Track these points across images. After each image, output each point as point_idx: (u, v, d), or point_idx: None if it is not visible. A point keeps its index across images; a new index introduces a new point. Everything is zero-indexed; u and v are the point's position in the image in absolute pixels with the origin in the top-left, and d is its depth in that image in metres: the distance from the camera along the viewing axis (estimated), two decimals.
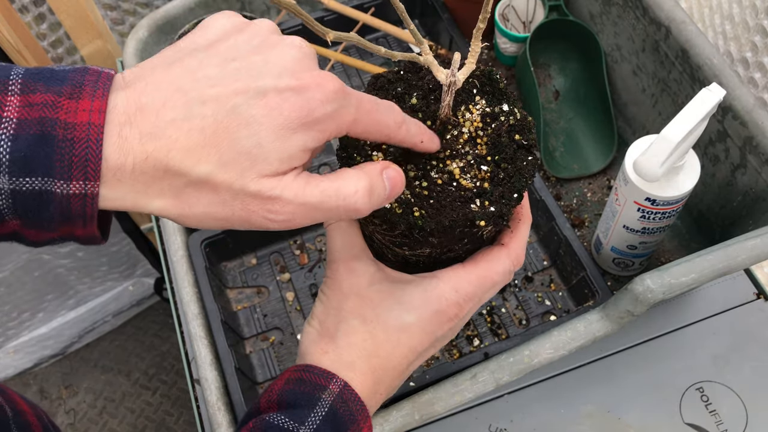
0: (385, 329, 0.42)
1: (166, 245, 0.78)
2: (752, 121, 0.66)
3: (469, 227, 0.40)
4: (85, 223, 0.32)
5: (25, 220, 0.31)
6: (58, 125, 0.30)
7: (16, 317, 1.45)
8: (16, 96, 0.30)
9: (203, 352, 0.70)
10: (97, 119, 0.30)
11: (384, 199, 0.37)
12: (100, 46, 1.03)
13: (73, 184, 0.30)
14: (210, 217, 0.33)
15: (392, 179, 0.38)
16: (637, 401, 0.70)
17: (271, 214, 0.33)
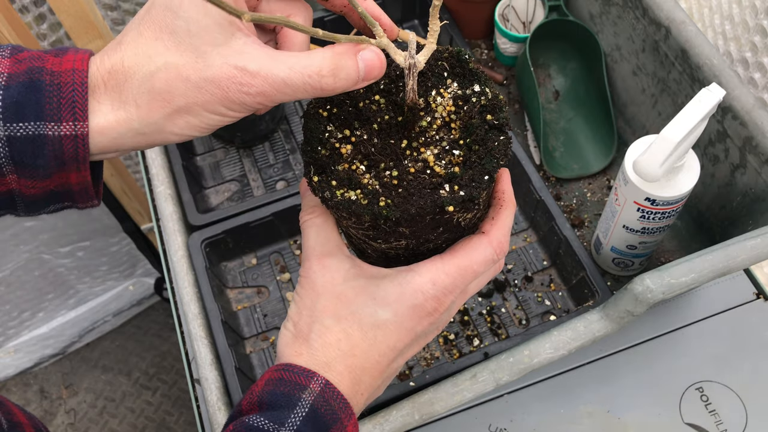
0: (360, 327, 0.40)
1: (167, 245, 0.78)
2: (752, 121, 0.66)
3: (439, 214, 0.38)
4: (79, 167, 0.34)
5: (22, 169, 0.33)
6: (45, 72, 0.33)
7: (16, 317, 1.45)
8: (6, 59, 0.33)
9: (203, 352, 0.70)
10: (81, 66, 0.33)
11: (355, 80, 0.36)
12: (100, 46, 1.03)
13: (64, 126, 0.33)
14: (190, 107, 0.34)
15: (367, 61, 0.36)
16: (637, 401, 0.70)
17: (243, 87, 0.34)
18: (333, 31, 0.37)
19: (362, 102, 0.42)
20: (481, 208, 0.42)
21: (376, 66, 0.37)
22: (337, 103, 0.42)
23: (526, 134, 0.90)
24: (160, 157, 0.83)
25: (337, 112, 0.42)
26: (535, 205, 0.80)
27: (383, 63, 0.37)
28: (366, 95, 0.42)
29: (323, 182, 0.40)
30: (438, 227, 0.40)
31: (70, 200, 0.37)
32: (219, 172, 0.91)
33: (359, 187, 0.39)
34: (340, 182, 0.39)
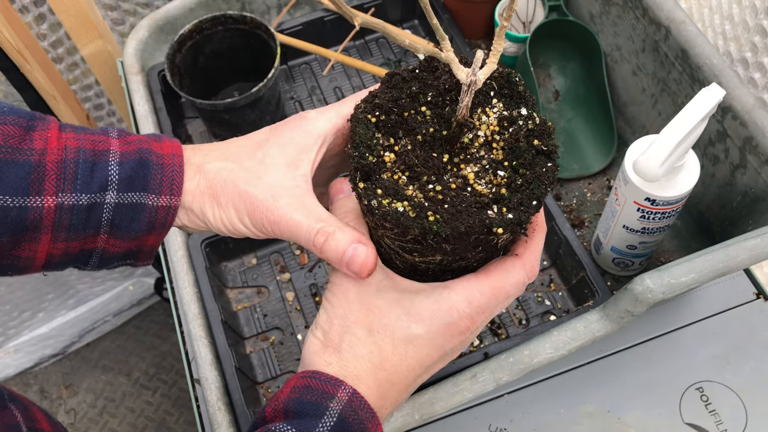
0: (392, 341, 0.40)
1: (167, 245, 0.78)
2: (752, 121, 0.66)
3: (485, 234, 0.38)
4: (161, 232, 0.41)
5: (116, 231, 0.40)
6: (153, 154, 0.40)
7: (16, 317, 1.45)
8: (115, 139, 0.40)
9: (203, 352, 0.70)
10: (179, 152, 0.41)
11: (337, 259, 0.39)
12: (100, 46, 1.03)
13: (162, 198, 0.40)
14: (226, 205, 0.41)
15: (357, 254, 0.39)
16: (637, 401, 0.70)
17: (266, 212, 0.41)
18: (332, 30, 0.38)
19: (408, 112, 0.42)
20: None
21: (358, 262, 0.39)
22: (386, 111, 0.42)
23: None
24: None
25: (384, 120, 0.42)
26: None
27: (370, 265, 0.39)
28: (413, 105, 0.42)
29: (369, 190, 0.39)
30: (478, 246, 0.40)
31: (134, 258, 0.43)
32: None
33: (406, 199, 0.39)
34: (385, 191, 0.39)
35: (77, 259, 0.41)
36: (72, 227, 0.39)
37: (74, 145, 0.38)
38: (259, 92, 0.83)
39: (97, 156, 0.39)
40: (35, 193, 0.37)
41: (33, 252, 0.39)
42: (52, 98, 1.03)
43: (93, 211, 0.39)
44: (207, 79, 0.91)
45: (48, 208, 0.37)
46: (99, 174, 0.38)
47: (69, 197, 0.38)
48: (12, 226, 0.37)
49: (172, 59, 0.85)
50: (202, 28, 0.87)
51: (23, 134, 0.37)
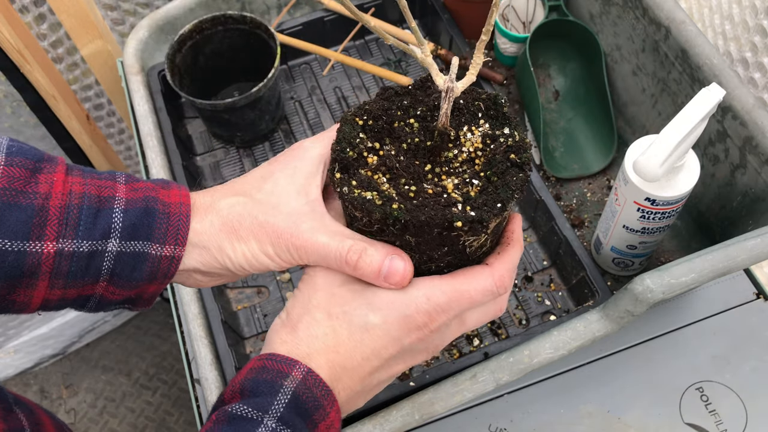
0: (349, 327, 0.40)
1: None
2: (752, 121, 0.66)
3: (447, 230, 0.39)
4: (163, 281, 0.41)
5: (116, 279, 0.39)
6: (159, 202, 0.40)
7: (16, 317, 1.45)
8: (123, 185, 0.40)
9: (203, 352, 0.70)
10: (186, 201, 0.41)
11: (374, 274, 0.40)
12: (100, 46, 1.03)
13: (166, 248, 0.40)
14: (248, 238, 0.41)
15: (393, 266, 0.40)
16: (637, 401, 0.70)
17: (291, 238, 0.41)
18: (332, 30, 0.39)
19: (398, 122, 0.44)
20: (489, 241, 0.43)
21: (398, 274, 0.39)
22: (374, 117, 0.44)
23: (526, 134, 0.90)
24: (160, 157, 0.83)
25: (372, 125, 0.44)
26: (535, 205, 0.80)
27: (409, 275, 0.40)
28: (402, 117, 0.44)
29: (344, 180, 0.41)
30: (443, 245, 0.41)
31: (132, 304, 0.42)
32: (219, 172, 0.91)
33: (377, 191, 0.40)
34: (359, 183, 0.41)
35: (74, 303, 0.41)
36: (70, 274, 0.38)
37: (79, 190, 0.38)
38: (259, 92, 0.83)
39: (102, 202, 0.38)
40: (36, 238, 0.36)
41: (29, 297, 0.38)
42: (52, 98, 1.03)
43: (93, 259, 0.38)
44: (207, 79, 0.91)
45: (47, 254, 0.37)
46: (102, 221, 0.38)
47: (70, 243, 0.37)
48: (8, 271, 0.36)
49: (172, 59, 0.85)
50: (202, 28, 0.87)
51: (29, 176, 0.37)
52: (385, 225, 0.40)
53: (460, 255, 0.42)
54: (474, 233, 0.40)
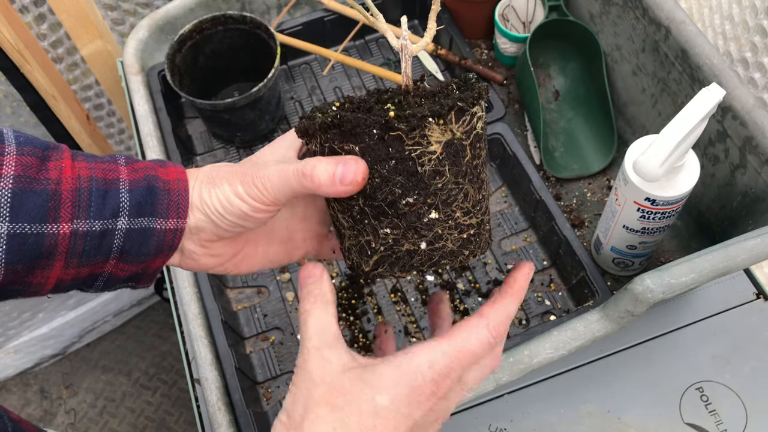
0: (358, 415, 0.39)
1: None
2: (752, 121, 0.66)
3: (385, 128, 0.39)
4: (168, 254, 0.43)
5: (125, 256, 0.41)
6: (159, 180, 0.42)
7: (16, 317, 1.45)
8: (124, 167, 0.42)
9: (203, 351, 0.70)
10: (184, 177, 0.43)
11: (330, 181, 0.40)
12: (100, 46, 1.03)
13: (170, 221, 0.42)
14: (221, 182, 0.43)
15: (345, 167, 0.39)
16: (637, 401, 0.70)
17: (257, 172, 0.42)
18: (332, 30, 0.39)
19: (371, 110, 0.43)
20: (449, 170, 0.40)
21: (350, 171, 0.39)
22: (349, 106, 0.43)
23: (526, 134, 0.90)
24: (160, 157, 0.83)
25: (347, 107, 0.43)
26: (535, 205, 0.80)
27: (359, 173, 0.39)
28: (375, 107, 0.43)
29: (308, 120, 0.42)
30: (390, 157, 0.40)
31: (136, 281, 0.44)
32: None
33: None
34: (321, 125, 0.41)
35: (84, 283, 0.42)
36: (85, 253, 0.40)
37: (87, 174, 0.40)
38: (259, 92, 0.83)
39: (108, 184, 0.41)
40: (52, 220, 0.38)
41: (45, 278, 0.40)
42: (52, 98, 1.03)
43: (105, 237, 0.40)
44: (207, 79, 0.91)
45: (63, 235, 0.39)
46: (111, 201, 0.40)
47: (83, 224, 0.39)
48: (29, 253, 0.38)
49: (172, 59, 0.85)
50: (202, 28, 0.87)
51: (39, 164, 0.39)
52: (328, 135, 0.40)
53: (412, 177, 0.40)
54: (415, 139, 0.39)
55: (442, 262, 0.42)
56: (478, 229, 0.43)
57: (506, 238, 0.82)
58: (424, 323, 0.78)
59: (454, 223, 0.42)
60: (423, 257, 0.42)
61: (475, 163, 0.42)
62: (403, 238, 0.42)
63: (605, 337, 0.60)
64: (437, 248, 0.42)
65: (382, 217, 0.41)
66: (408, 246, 0.42)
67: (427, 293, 0.79)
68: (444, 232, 0.42)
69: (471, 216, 0.42)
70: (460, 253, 0.42)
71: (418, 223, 0.41)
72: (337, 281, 0.81)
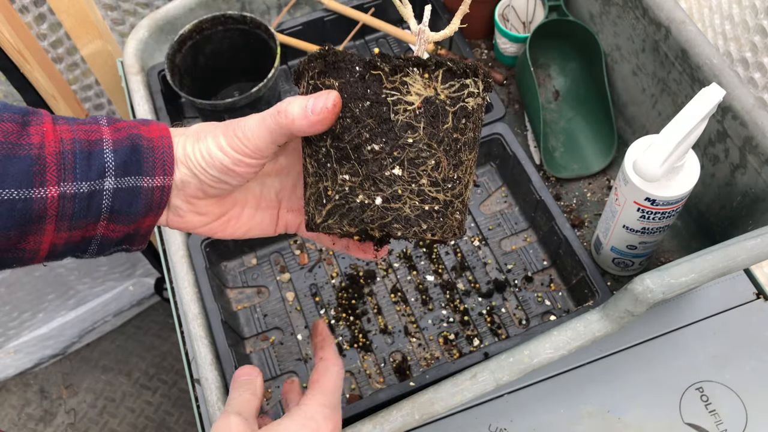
0: None
1: (167, 245, 0.78)
2: (752, 121, 0.66)
3: (367, 67, 0.38)
4: (157, 213, 0.43)
5: (115, 216, 0.42)
6: (143, 138, 0.42)
7: (16, 317, 1.45)
8: (106, 126, 0.42)
9: (203, 351, 0.70)
10: (167, 134, 0.43)
11: (302, 114, 0.40)
12: (100, 46, 1.03)
13: (157, 179, 0.42)
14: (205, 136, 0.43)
15: (315, 100, 0.40)
16: (637, 401, 0.70)
17: (239, 123, 0.43)
18: (332, 30, 0.39)
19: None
20: (423, 128, 0.39)
21: (320, 101, 0.40)
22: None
23: (526, 134, 0.90)
24: None
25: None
26: (535, 205, 0.80)
27: (330, 101, 0.40)
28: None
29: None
30: (366, 98, 0.39)
31: (130, 243, 0.44)
32: None
33: None
34: None
35: (77, 247, 0.42)
36: (74, 216, 0.40)
37: (69, 136, 0.40)
38: (259, 92, 0.83)
39: (92, 145, 0.41)
40: (38, 184, 0.39)
41: (38, 243, 0.40)
42: (52, 98, 1.03)
43: (93, 198, 0.40)
44: (207, 79, 0.91)
45: (51, 198, 0.39)
46: (96, 162, 0.40)
47: (70, 186, 0.39)
48: (19, 218, 0.38)
49: (172, 59, 0.85)
50: (202, 28, 0.87)
51: (20, 130, 0.39)
52: (313, 69, 0.40)
53: (383, 124, 0.39)
54: (395, 84, 0.38)
55: (393, 226, 0.40)
56: (444, 208, 0.41)
57: (506, 238, 0.83)
58: (424, 323, 0.78)
59: (418, 188, 0.40)
60: (375, 214, 0.40)
61: (455, 137, 0.40)
62: (360, 188, 0.40)
63: (605, 337, 0.60)
64: (392, 208, 0.40)
65: (344, 161, 0.40)
66: (362, 197, 0.40)
67: (428, 293, 0.80)
68: (404, 194, 0.40)
69: (439, 190, 0.40)
70: (416, 223, 0.40)
71: (379, 174, 0.39)
72: (337, 281, 0.81)
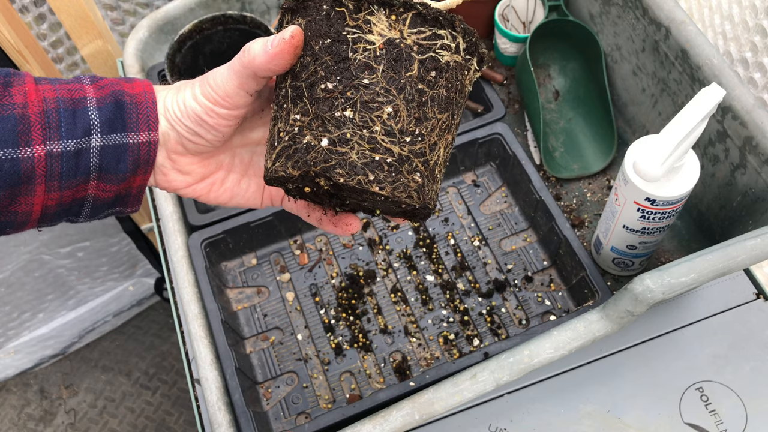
0: None
1: (167, 245, 0.78)
2: (752, 121, 0.66)
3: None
4: (146, 170, 0.43)
5: (104, 174, 0.41)
6: (126, 95, 0.42)
7: (16, 317, 1.45)
8: (89, 85, 0.42)
9: (203, 351, 0.70)
10: (150, 89, 0.43)
11: (263, 51, 0.40)
12: (100, 46, 1.03)
13: (142, 134, 0.42)
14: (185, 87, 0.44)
15: (275, 38, 0.40)
16: (637, 401, 0.70)
17: (214, 73, 0.43)
18: None
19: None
20: (385, 81, 0.38)
21: (281, 36, 0.40)
22: None
23: (526, 134, 0.90)
24: None
25: None
26: (535, 205, 0.80)
27: (286, 32, 0.40)
28: None
29: None
30: (328, 36, 0.38)
31: (123, 205, 0.44)
32: None
33: None
34: None
35: (70, 210, 0.42)
36: (63, 175, 0.40)
37: (52, 95, 0.40)
38: None
39: (76, 103, 0.41)
40: (24, 143, 0.39)
41: (29, 206, 0.41)
42: None
43: (81, 156, 0.40)
44: None
45: (39, 157, 0.39)
46: (81, 120, 0.40)
47: (57, 144, 0.40)
48: (7, 179, 0.39)
49: (172, 59, 0.85)
50: (202, 28, 0.87)
51: (2, 90, 0.39)
52: (287, 10, 0.40)
53: (340, 63, 0.38)
54: (358, 22, 0.38)
55: (336, 171, 0.37)
56: (398, 162, 0.38)
57: (506, 238, 0.83)
58: (424, 323, 0.78)
59: (369, 134, 0.38)
60: (319, 156, 0.38)
61: (420, 87, 0.38)
62: (308, 128, 0.38)
63: (605, 337, 0.60)
64: (338, 152, 0.38)
65: (298, 100, 0.39)
66: (309, 138, 0.38)
67: (428, 293, 0.80)
68: (353, 138, 0.37)
69: (394, 142, 0.38)
70: (362, 171, 0.37)
71: (328, 115, 0.38)
72: (337, 281, 0.81)
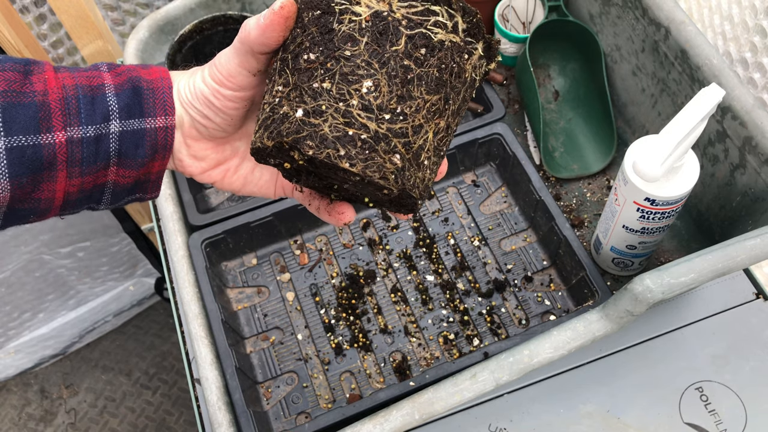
0: None
1: (167, 245, 0.78)
2: (751, 122, 0.66)
3: None
4: (164, 155, 0.44)
5: (124, 160, 0.42)
6: (143, 80, 0.43)
7: (16, 317, 1.45)
8: (106, 73, 0.43)
9: (204, 351, 0.70)
10: (166, 75, 0.44)
11: (255, 23, 0.40)
12: (100, 46, 1.03)
13: (159, 119, 0.43)
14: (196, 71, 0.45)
15: (267, 11, 0.40)
16: (637, 401, 0.70)
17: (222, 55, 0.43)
18: None
19: None
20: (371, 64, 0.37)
21: (268, 11, 0.40)
22: None
23: (526, 134, 0.90)
24: None
25: None
26: (535, 205, 0.80)
27: (276, 5, 0.40)
28: None
29: None
30: (318, 8, 0.38)
31: (142, 191, 0.45)
32: None
33: None
34: None
35: (91, 196, 0.43)
36: (84, 160, 0.41)
37: (71, 83, 0.41)
38: None
39: (94, 90, 0.42)
40: (45, 130, 0.40)
41: (52, 192, 0.41)
42: None
43: (101, 142, 0.41)
44: None
45: (60, 143, 0.40)
46: (99, 106, 0.41)
47: (77, 130, 0.40)
48: (30, 165, 0.39)
49: (172, 59, 0.85)
50: (202, 28, 0.87)
51: (23, 79, 0.40)
52: None
53: (325, 34, 0.37)
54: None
55: (306, 143, 0.36)
56: (374, 140, 0.36)
57: (506, 238, 0.83)
58: (424, 323, 0.78)
59: (345, 108, 0.36)
60: (291, 127, 0.37)
61: (406, 63, 0.37)
62: (286, 99, 0.38)
63: (605, 337, 0.60)
64: (310, 123, 0.36)
65: (283, 72, 0.39)
66: (286, 108, 0.37)
67: (428, 293, 0.80)
68: (328, 110, 0.36)
69: (371, 118, 0.36)
70: (332, 145, 0.36)
71: (306, 85, 0.37)
72: (337, 281, 0.81)
